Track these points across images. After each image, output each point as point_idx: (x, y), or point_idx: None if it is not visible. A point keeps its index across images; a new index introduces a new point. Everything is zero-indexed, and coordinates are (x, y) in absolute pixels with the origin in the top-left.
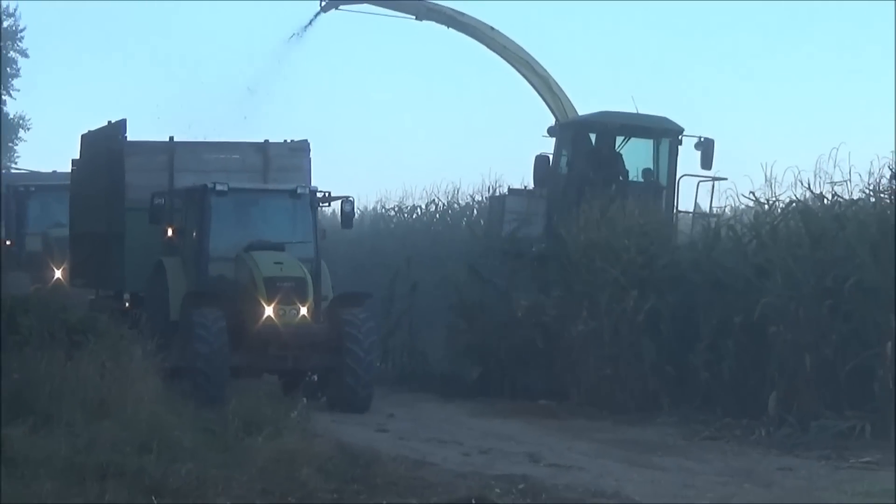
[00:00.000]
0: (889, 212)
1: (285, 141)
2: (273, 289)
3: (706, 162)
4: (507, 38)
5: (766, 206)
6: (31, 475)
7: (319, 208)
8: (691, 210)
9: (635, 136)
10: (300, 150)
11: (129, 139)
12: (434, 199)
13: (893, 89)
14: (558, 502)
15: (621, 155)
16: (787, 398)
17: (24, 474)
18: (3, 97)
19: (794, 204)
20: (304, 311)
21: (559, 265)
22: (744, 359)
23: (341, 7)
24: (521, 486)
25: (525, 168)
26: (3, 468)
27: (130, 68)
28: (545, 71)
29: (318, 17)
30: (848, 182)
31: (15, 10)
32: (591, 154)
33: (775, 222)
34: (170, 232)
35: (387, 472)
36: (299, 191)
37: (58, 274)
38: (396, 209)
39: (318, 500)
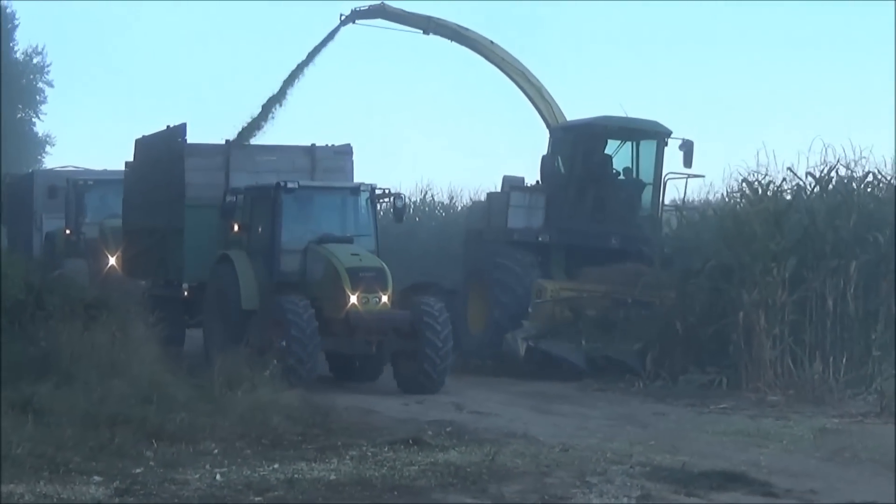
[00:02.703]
0: (738, 208)
1: (329, 145)
2: (356, 278)
3: (688, 161)
4: (505, 51)
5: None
6: (55, 423)
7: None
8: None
9: (629, 138)
10: (343, 153)
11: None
12: None
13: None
14: (478, 441)
15: (610, 156)
16: (660, 357)
17: (49, 422)
18: (34, 119)
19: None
20: (384, 298)
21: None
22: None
23: (357, 21)
24: (448, 429)
25: (452, 174)
26: (34, 417)
27: (141, 83)
28: (538, 80)
29: (339, 31)
30: (710, 186)
31: (42, 48)
32: (585, 154)
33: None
34: (236, 227)
35: (341, 418)
36: (361, 188)
37: (112, 261)
38: None
39: (286, 441)
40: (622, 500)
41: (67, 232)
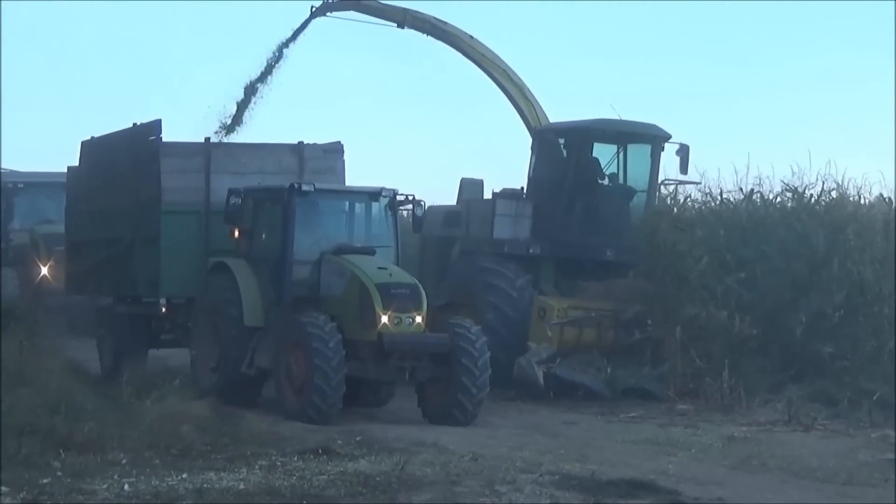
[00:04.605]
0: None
1: (316, 143)
2: (388, 296)
3: (683, 167)
4: (486, 46)
5: None
6: None
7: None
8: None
9: (625, 142)
10: (333, 151)
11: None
12: None
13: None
14: (388, 450)
15: (598, 160)
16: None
17: None
18: None
19: None
20: (419, 319)
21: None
22: None
23: (329, 14)
24: (358, 439)
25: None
26: None
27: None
28: (520, 79)
29: (309, 24)
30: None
31: None
32: (579, 159)
33: None
34: (236, 233)
35: (251, 428)
36: (382, 193)
37: (44, 271)
38: None
39: (195, 451)
40: None
41: None
